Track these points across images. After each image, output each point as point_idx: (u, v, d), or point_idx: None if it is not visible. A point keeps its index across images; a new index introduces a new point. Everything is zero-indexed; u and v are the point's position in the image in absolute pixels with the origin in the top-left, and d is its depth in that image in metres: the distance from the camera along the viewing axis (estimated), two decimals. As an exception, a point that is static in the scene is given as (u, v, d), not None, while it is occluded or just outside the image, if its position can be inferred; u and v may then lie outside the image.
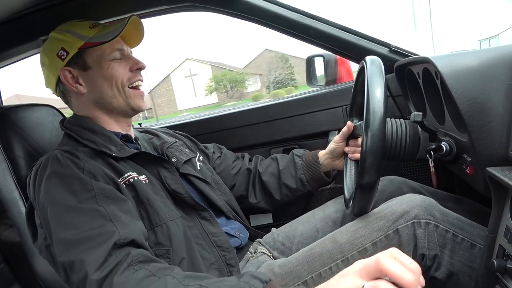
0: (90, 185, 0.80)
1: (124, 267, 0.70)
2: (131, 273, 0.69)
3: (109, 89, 0.96)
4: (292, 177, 1.20)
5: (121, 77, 0.97)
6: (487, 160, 0.72)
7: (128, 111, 1.01)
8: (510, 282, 0.65)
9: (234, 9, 1.33)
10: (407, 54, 1.29)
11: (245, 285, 0.65)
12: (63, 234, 0.75)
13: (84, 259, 0.71)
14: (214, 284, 0.67)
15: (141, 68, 1.01)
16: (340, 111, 1.42)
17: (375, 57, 0.86)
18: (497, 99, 0.71)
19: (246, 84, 41.87)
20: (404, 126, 0.95)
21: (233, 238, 1.05)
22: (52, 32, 0.99)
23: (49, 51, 0.97)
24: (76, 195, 0.79)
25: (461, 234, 0.83)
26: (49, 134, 1.14)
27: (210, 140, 1.37)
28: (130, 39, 1.03)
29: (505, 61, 0.72)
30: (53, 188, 0.80)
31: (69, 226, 0.75)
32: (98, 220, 0.76)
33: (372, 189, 0.81)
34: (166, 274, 0.69)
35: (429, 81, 0.94)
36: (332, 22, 1.33)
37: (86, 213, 0.77)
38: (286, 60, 42.05)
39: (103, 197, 0.80)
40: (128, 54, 1.01)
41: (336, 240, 0.89)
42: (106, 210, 0.78)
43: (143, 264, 0.72)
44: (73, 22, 1.00)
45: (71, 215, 0.76)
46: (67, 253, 0.73)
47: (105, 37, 0.94)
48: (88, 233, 0.74)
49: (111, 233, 0.74)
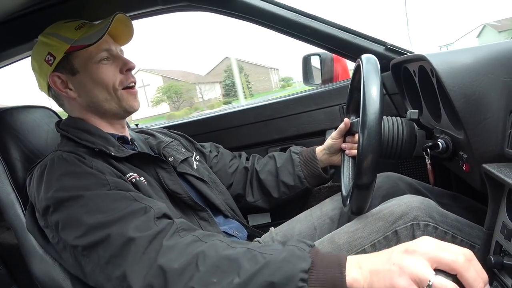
0: (104, 180, 0.79)
1: (170, 233, 0.71)
2: (179, 238, 0.70)
3: (99, 93, 0.94)
4: (290, 174, 1.20)
5: (112, 81, 0.94)
6: (483, 157, 0.72)
7: (121, 113, 0.99)
8: (507, 278, 0.66)
9: (230, 8, 1.32)
10: (403, 52, 1.29)
11: (293, 248, 0.65)
12: (92, 219, 0.73)
13: (122, 230, 0.70)
14: (261, 247, 0.67)
15: (131, 68, 0.98)
16: (337, 109, 1.42)
17: (371, 55, 0.86)
18: (492, 96, 0.71)
19: (202, 92, 42.86)
20: (401, 124, 0.95)
21: (232, 237, 1.05)
22: (40, 35, 0.97)
23: (37, 55, 0.96)
24: (92, 189, 0.77)
25: (460, 236, 0.82)
26: (45, 136, 1.13)
27: (207, 139, 1.37)
28: (120, 37, 1.01)
29: (500, 58, 0.72)
30: (67, 185, 0.78)
31: (96, 211, 0.74)
32: (124, 201, 0.76)
33: (369, 188, 0.81)
34: (213, 239, 0.70)
35: (425, 78, 0.95)
36: (328, 20, 1.33)
37: (109, 197, 0.76)
38: (241, 68, 43.08)
39: (119, 190, 0.79)
40: (117, 54, 0.98)
41: (334, 241, 0.88)
42: (129, 193, 0.78)
43: (187, 231, 0.73)
44: (60, 23, 0.97)
45: (94, 201, 0.75)
46: (101, 233, 0.71)
47: (90, 39, 0.90)
48: (118, 214, 0.73)
49: (142, 209, 0.74)
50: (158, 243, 0.69)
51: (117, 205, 0.75)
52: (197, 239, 0.70)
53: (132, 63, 0.98)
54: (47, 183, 0.80)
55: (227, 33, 27.48)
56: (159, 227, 0.71)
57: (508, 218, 0.65)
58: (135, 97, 1.00)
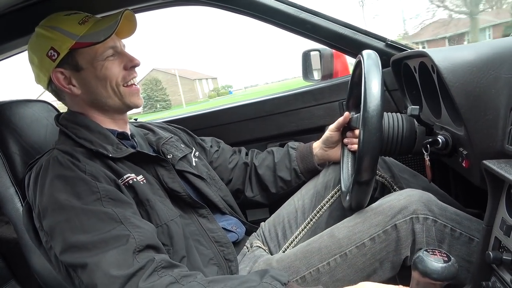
0: (95, 187, 0.79)
1: (148, 272, 0.70)
2: (156, 279, 0.69)
3: (103, 90, 0.93)
4: (287, 169, 1.20)
5: (115, 77, 0.93)
6: (483, 153, 0.72)
7: (124, 109, 0.99)
8: (506, 273, 0.66)
9: (229, 3, 1.31)
10: (403, 48, 1.29)
11: (268, 286, 0.67)
12: (74, 238, 0.74)
13: (101, 261, 0.70)
14: (238, 286, 0.68)
15: (135, 65, 0.97)
16: (336, 105, 1.42)
17: (372, 51, 0.86)
18: (493, 92, 0.71)
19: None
20: (401, 120, 0.95)
21: (231, 233, 1.06)
22: (38, 28, 0.94)
23: (38, 49, 0.93)
24: (82, 198, 0.78)
25: (459, 229, 0.83)
26: (44, 130, 1.12)
27: (207, 134, 1.36)
28: (122, 31, 0.99)
29: (502, 55, 0.72)
30: (58, 192, 0.78)
31: (79, 230, 0.74)
32: (109, 223, 0.75)
33: (369, 184, 0.81)
34: (191, 281, 0.70)
35: (426, 75, 0.95)
36: (328, 16, 1.33)
37: (95, 216, 0.76)
38: (157, 82, 44.17)
39: (109, 199, 0.79)
40: (122, 51, 0.97)
41: (334, 235, 0.89)
42: (115, 212, 0.77)
43: (166, 270, 0.72)
44: (60, 16, 0.94)
45: (79, 218, 0.75)
46: (80, 256, 0.73)
47: (98, 37, 0.89)
48: (100, 236, 0.73)
49: (125, 236, 0.74)
50: (134, 284, 0.68)
51: (101, 225, 0.75)
52: (175, 280, 0.70)
53: (137, 60, 0.97)
54: (41, 187, 0.81)
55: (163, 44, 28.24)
56: (138, 264, 0.71)
57: (507, 214, 0.66)
58: (138, 95, 0.99)
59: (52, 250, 0.80)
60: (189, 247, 0.90)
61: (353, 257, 0.85)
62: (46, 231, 0.80)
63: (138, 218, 0.80)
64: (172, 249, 0.86)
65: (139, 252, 0.73)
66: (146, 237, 0.76)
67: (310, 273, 0.87)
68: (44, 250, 0.86)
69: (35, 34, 0.94)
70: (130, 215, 0.79)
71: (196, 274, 0.73)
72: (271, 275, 0.69)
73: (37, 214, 0.82)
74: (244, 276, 0.75)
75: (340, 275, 0.85)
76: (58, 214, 0.77)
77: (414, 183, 1.07)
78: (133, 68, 0.97)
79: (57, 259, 0.81)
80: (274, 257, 0.97)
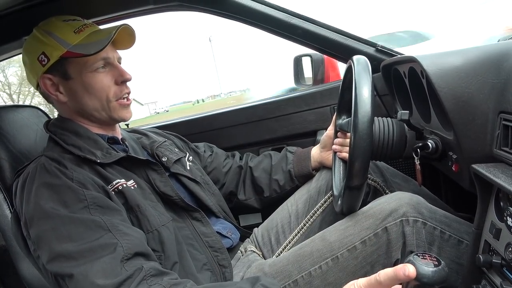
0: (82, 195, 0.78)
1: (137, 281, 0.69)
2: None
3: (90, 102, 0.92)
4: (283, 171, 1.21)
5: (106, 91, 0.92)
6: (472, 157, 0.73)
7: (110, 122, 0.98)
8: (496, 276, 0.67)
9: (221, 9, 1.32)
10: (393, 54, 1.30)
11: None
12: (60, 248, 0.73)
13: (87, 271, 0.69)
14: None
15: (126, 80, 0.95)
16: (328, 110, 1.43)
17: (362, 56, 0.87)
18: (481, 97, 0.72)
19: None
20: (391, 125, 0.96)
21: (226, 238, 1.05)
22: (36, 29, 0.93)
23: (30, 52, 0.92)
24: (68, 206, 0.76)
25: (448, 231, 0.84)
26: (34, 135, 1.11)
27: (199, 140, 1.36)
28: (121, 43, 0.98)
29: (489, 60, 0.73)
30: (44, 200, 0.77)
31: (66, 239, 0.73)
32: (96, 231, 0.74)
33: (360, 189, 0.82)
34: None
35: (415, 80, 0.96)
36: (319, 22, 1.34)
37: (82, 224, 0.75)
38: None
39: (96, 206, 0.78)
40: (113, 63, 0.94)
41: (325, 238, 0.89)
42: (102, 219, 0.76)
43: (156, 278, 0.71)
44: (58, 21, 0.93)
45: (66, 227, 0.74)
46: (66, 266, 0.72)
47: (89, 49, 0.88)
48: (87, 245, 0.72)
49: (112, 245, 0.73)
50: None
51: (88, 234, 0.74)
52: None
53: (128, 74, 0.95)
54: (27, 195, 0.80)
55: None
56: (126, 273, 0.69)
57: (496, 218, 0.66)
58: (127, 109, 0.98)
59: (40, 259, 0.79)
60: (182, 252, 0.90)
61: (345, 260, 0.85)
62: (33, 240, 0.78)
63: (126, 225, 0.79)
64: (163, 255, 0.85)
65: (127, 260, 0.72)
66: (135, 244, 0.75)
67: (302, 277, 0.87)
68: (33, 258, 0.85)
69: (32, 35, 0.94)
70: (118, 222, 0.78)
71: (186, 282, 0.72)
72: (262, 284, 0.69)
73: (24, 222, 0.81)
74: (235, 284, 0.74)
75: (331, 279, 0.85)
76: (44, 223, 0.75)
77: (406, 187, 1.08)
78: (124, 82, 0.96)
79: (45, 267, 0.79)
80: (267, 262, 0.96)
